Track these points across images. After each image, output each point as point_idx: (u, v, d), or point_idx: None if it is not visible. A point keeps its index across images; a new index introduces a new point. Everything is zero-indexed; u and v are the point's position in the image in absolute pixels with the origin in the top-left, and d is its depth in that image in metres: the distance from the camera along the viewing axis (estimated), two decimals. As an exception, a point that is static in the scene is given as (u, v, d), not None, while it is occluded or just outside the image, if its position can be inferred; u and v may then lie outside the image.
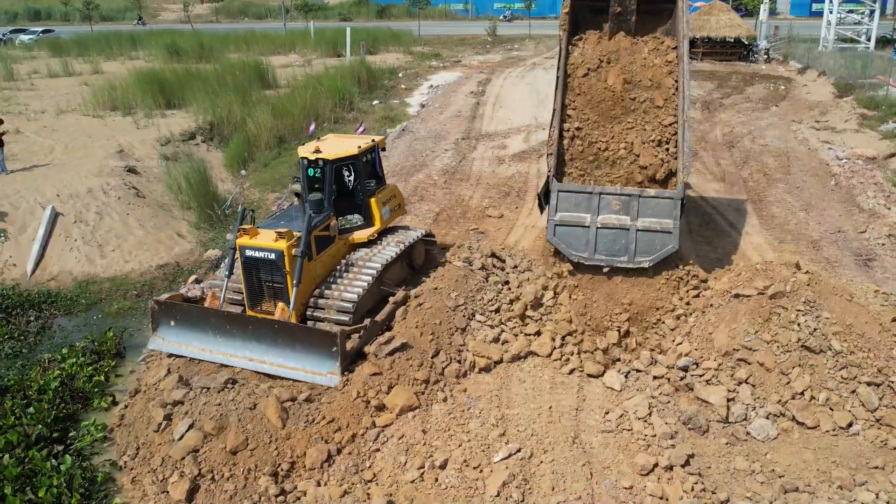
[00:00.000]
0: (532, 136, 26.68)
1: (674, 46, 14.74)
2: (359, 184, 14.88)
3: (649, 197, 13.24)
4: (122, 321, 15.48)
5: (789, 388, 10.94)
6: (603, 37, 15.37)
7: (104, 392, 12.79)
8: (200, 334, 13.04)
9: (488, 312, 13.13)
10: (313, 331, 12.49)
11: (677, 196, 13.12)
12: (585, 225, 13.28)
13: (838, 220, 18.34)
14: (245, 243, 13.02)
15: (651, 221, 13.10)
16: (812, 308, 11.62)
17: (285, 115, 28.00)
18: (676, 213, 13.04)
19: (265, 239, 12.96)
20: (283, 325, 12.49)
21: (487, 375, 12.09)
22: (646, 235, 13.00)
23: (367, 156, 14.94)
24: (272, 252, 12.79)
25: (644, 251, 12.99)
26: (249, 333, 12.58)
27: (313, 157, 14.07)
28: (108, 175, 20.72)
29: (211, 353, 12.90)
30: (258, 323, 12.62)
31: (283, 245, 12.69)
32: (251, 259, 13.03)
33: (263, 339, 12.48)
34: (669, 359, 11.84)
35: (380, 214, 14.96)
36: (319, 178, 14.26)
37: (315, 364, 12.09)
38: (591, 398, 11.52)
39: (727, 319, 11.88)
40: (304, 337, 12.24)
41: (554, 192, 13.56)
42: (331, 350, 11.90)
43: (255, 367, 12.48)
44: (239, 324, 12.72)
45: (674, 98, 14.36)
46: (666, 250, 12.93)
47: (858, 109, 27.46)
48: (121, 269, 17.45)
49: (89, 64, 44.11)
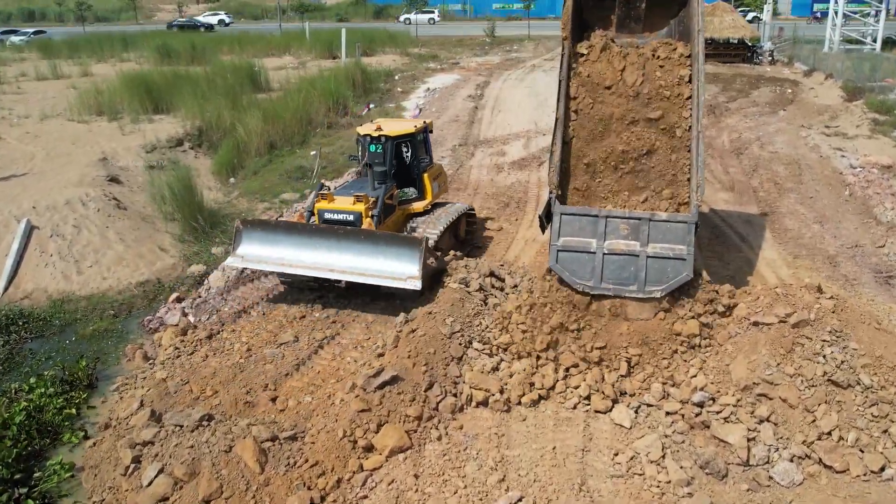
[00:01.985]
0: (532, 142, 25.76)
1: (688, 55, 13.65)
2: (414, 159, 16.21)
3: (660, 221, 12.04)
4: (96, 345, 14.53)
5: (815, 428, 10.00)
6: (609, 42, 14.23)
7: (75, 426, 11.86)
8: (283, 249, 14.07)
9: (486, 339, 12.18)
10: (398, 237, 13.90)
11: (691, 220, 11.95)
12: (591, 251, 12.02)
13: (855, 233, 17.42)
14: (324, 207, 14.64)
15: (663, 247, 11.89)
16: (838, 338, 10.69)
17: (277, 120, 27.06)
18: (690, 238, 11.85)
19: (343, 203, 14.58)
20: (368, 233, 13.72)
21: (485, 410, 11.14)
22: (657, 262, 11.80)
23: (421, 135, 16.49)
24: (351, 214, 14.37)
25: (655, 280, 11.77)
26: (333, 244, 13.69)
27: (376, 134, 15.50)
28: (89, 185, 19.76)
29: (293, 267, 13.99)
30: (343, 233, 13.74)
31: (361, 207, 14.27)
32: (329, 221, 14.53)
33: (347, 250, 13.58)
34: (683, 392, 10.89)
35: (431, 188, 16.41)
36: (380, 154, 15.59)
37: (397, 270, 13.18)
38: (599, 437, 10.57)
39: (746, 350, 10.95)
40: (388, 244, 13.42)
41: (556, 215, 12.32)
42: (413, 256, 13.07)
43: (338, 277, 13.74)
44: (323, 235, 13.87)
45: (688, 135, 13.24)
46: (679, 279, 11.70)
47: (869, 114, 26.52)
48: (98, 286, 16.50)
49: (79, 66, 43.12)
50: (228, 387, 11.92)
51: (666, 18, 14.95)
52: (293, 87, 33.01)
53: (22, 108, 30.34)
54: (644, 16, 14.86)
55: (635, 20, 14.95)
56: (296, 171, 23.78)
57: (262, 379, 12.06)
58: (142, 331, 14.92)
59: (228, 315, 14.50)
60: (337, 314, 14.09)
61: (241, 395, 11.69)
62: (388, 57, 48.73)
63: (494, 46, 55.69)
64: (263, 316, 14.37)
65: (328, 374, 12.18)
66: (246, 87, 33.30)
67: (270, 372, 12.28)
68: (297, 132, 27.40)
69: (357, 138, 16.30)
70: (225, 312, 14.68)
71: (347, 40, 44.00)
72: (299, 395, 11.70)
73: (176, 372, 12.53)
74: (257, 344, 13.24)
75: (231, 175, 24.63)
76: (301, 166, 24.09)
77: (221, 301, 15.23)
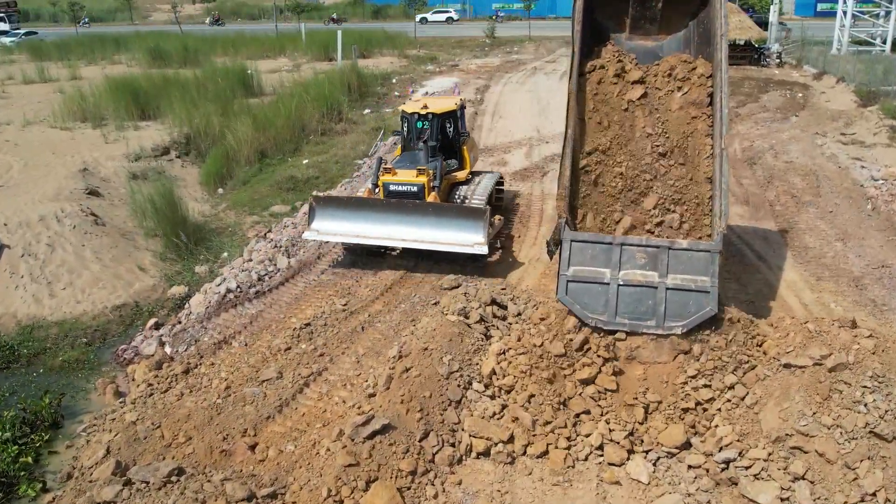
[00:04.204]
0: (534, 151, 24.60)
1: (708, 75, 12.50)
2: (455, 133, 17.47)
3: (681, 249, 11.07)
4: (66, 378, 13.44)
5: (857, 487, 8.88)
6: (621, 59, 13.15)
7: (34, 475, 10.76)
8: (355, 221, 15.33)
9: (488, 380, 11.04)
10: (463, 208, 15.46)
11: (715, 249, 10.94)
12: (605, 282, 11.02)
13: (880, 252, 16.27)
14: (388, 180, 15.83)
15: (684, 279, 10.90)
16: (881, 383, 9.57)
17: (268, 127, 25.89)
18: (714, 268, 10.84)
19: (406, 175, 15.81)
20: (435, 206, 15.26)
21: (487, 461, 10.03)
22: (677, 295, 10.77)
23: (460, 111, 17.76)
24: (415, 186, 15.60)
25: (676, 314, 10.72)
26: (403, 216, 15.01)
27: (424, 112, 16.75)
28: (66, 199, 18.65)
29: (367, 238, 15.37)
30: (412, 206, 15.14)
31: (424, 179, 15.58)
32: (394, 193, 15.77)
33: (416, 222, 14.95)
34: (707, 444, 9.78)
35: (469, 159, 17.80)
36: (427, 130, 16.85)
37: (464, 237, 14.67)
38: (614, 495, 9.46)
39: (777, 396, 9.83)
40: (455, 214, 14.95)
41: (566, 242, 11.30)
42: (478, 225, 14.57)
43: (409, 246, 15.28)
44: (393, 209, 15.17)
45: (710, 162, 12.16)
46: (703, 313, 10.65)
47: (886, 121, 25.32)
48: (71, 310, 15.37)
49: (68, 69, 41.93)
50: (203, 432, 10.79)
51: (683, 18, 13.87)
52: (287, 91, 31.84)
53: (4, 114, 29.18)
54: (660, 16, 13.78)
55: (650, 21, 13.91)
56: (287, 181, 22.61)
57: (240, 423, 10.94)
58: (115, 362, 13.84)
59: (208, 346, 13.36)
60: (325, 346, 12.97)
61: (217, 442, 10.58)
62: (385, 59, 47.59)
63: (494, 47, 54.52)
64: (245, 347, 13.24)
65: (314, 417, 11.06)
66: (238, 92, 32.13)
67: (250, 414, 11.15)
68: (289, 140, 26.23)
69: (403, 115, 17.45)
70: (204, 343, 13.55)
71: (344, 42, 42.87)
72: (281, 441, 10.58)
73: (147, 413, 11.39)
74: (237, 380, 12.10)
75: (219, 185, 23.50)
76: (293, 176, 22.93)
77: (201, 329, 14.11)
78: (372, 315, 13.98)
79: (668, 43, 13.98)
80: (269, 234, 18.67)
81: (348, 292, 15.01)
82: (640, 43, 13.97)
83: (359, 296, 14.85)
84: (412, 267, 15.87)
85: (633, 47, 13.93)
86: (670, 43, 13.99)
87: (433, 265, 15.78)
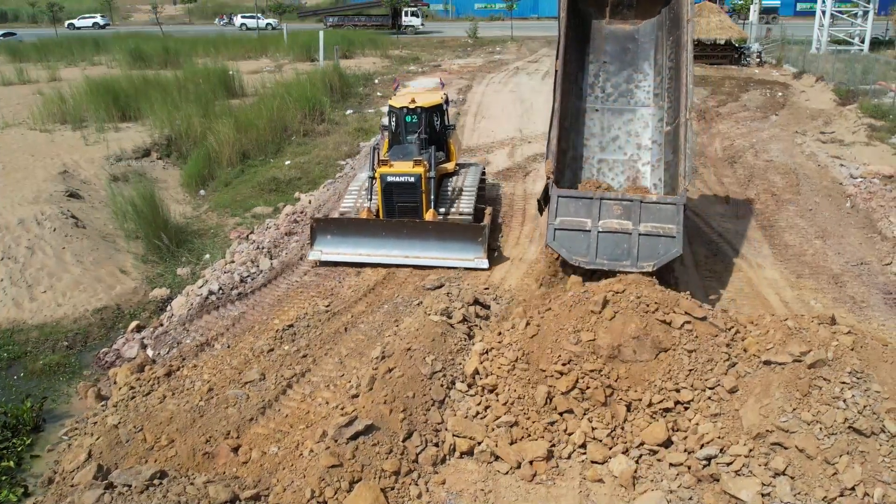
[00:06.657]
0: (517, 151, 24.68)
1: None
2: (442, 126, 17.96)
3: (651, 203, 13.12)
4: (46, 382, 13.31)
5: (837, 482, 8.96)
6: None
7: (15, 479, 10.66)
8: (357, 241, 15.85)
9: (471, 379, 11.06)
10: (462, 225, 15.94)
11: (680, 202, 12.98)
12: (586, 229, 13.08)
13: (859, 249, 16.46)
14: (386, 171, 16.04)
15: (654, 226, 12.94)
16: (860, 379, 9.66)
17: (249, 129, 25.82)
18: (679, 217, 12.89)
19: (403, 167, 16.08)
20: (435, 224, 15.77)
21: (470, 461, 10.05)
22: (649, 240, 12.87)
23: (445, 105, 18.22)
24: (412, 176, 15.93)
25: (647, 256, 12.78)
26: (403, 235, 15.54)
27: (412, 106, 17.18)
28: (46, 202, 18.49)
29: (368, 256, 15.77)
30: (412, 225, 15.63)
31: (421, 170, 15.95)
32: (392, 184, 16.02)
33: (416, 239, 15.50)
34: (689, 441, 9.85)
35: (455, 151, 18.36)
36: (416, 123, 17.28)
37: (464, 253, 15.39)
38: (597, 492, 9.50)
39: (757, 393, 9.90)
40: (454, 232, 15.58)
41: (553, 197, 13.31)
42: (477, 239, 15.36)
43: (411, 263, 15.56)
44: (394, 228, 15.69)
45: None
46: (670, 255, 12.75)
47: (865, 119, 25.64)
48: (52, 314, 15.24)
49: (47, 70, 41.57)
50: (186, 435, 10.73)
51: (657, 5, 16.17)
52: (268, 92, 31.74)
53: (-18, 117, 28.91)
54: (636, 3, 16.22)
55: (628, 6, 16.37)
56: (269, 182, 22.55)
57: (223, 425, 10.88)
58: (97, 365, 13.72)
59: (190, 348, 13.30)
60: (308, 347, 12.94)
61: (200, 445, 10.52)
62: (367, 59, 47.56)
63: (477, 48, 54.64)
64: (228, 349, 13.18)
65: (297, 419, 11.03)
66: (219, 93, 32.01)
67: (233, 416, 11.10)
68: (271, 141, 26.16)
69: (390, 110, 17.85)
70: (186, 345, 13.49)
71: (326, 42, 42.78)
72: (264, 443, 10.54)
73: (129, 416, 11.30)
74: (220, 382, 12.03)
75: (201, 187, 23.38)
76: (275, 177, 22.87)
77: (183, 332, 14.04)
78: (355, 316, 13.98)
79: (643, 26, 16.39)
80: (251, 235, 18.62)
81: (331, 293, 14.99)
82: (619, 27, 16.30)
83: (342, 297, 14.84)
84: (395, 268, 15.87)
85: (613, 30, 16.26)
86: (645, 26, 16.37)
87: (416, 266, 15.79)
